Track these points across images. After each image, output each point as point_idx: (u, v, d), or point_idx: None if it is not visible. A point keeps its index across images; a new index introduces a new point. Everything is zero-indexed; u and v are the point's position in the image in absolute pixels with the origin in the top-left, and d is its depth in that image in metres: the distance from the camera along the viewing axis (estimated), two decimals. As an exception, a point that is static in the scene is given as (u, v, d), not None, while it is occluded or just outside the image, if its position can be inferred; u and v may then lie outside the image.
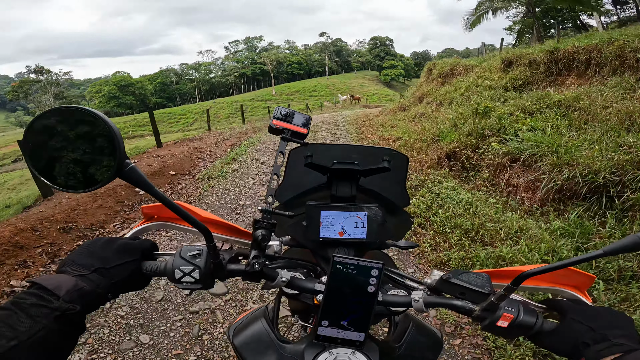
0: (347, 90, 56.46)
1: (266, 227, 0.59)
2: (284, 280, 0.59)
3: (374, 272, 0.54)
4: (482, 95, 6.65)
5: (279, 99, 57.19)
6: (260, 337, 0.63)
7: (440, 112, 8.04)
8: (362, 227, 0.69)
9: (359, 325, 0.55)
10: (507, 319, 0.52)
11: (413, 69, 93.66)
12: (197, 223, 0.50)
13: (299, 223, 0.71)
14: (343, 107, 29.41)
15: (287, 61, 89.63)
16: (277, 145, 0.68)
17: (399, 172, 0.76)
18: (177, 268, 0.55)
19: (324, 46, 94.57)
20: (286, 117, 0.71)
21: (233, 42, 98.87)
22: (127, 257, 0.55)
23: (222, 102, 60.16)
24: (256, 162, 6.13)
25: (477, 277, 0.57)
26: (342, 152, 0.75)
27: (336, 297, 0.55)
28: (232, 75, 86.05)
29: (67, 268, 0.50)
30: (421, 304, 0.57)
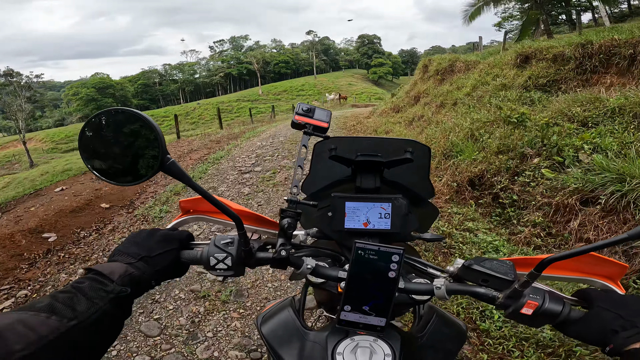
0: (336, 89, 55.28)
1: (292, 216, 0.61)
2: (309, 268, 0.61)
3: (395, 257, 0.54)
4: (497, 95, 5.51)
5: (265, 99, 55.70)
6: (287, 325, 0.66)
7: (442, 115, 6.88)
8: (387, 218, 0.70)
9: (380, 310, 0.56)
10: (532, 307, 0.52)
11: (401, 67, 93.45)
12: (230, 212, 0.54)
13: (324, 214, 0.72)
14: (331, 107, 28.11)
15: (274, 60, 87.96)
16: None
17: (422, 164, 0.75)
18: (212, 255, 0.59)
19: (311, 45, 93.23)
20: (307, 112, 0.75)
21: (218, 42, 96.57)
22: (167, 246, 0.60)
23: (207, 103, 58.26)
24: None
25: (500, 264, 0.56)
26: (365, 145, 0.75)
27: (358, 282, 0.55)
28: (217, 75, 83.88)
29: (117, 257, 0.56)
30: (443, 292, 0.57)
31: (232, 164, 6.07)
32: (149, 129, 0.48)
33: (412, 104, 9.86)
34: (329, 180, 0.80)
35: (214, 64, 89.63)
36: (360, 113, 14.96)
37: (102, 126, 0.49)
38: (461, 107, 6.21)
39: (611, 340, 0.47)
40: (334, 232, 0.73)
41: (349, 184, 0.78)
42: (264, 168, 5.49)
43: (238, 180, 5.03)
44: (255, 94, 59.29)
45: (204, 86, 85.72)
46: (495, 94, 5.59)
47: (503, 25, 32.02)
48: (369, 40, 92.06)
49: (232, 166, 5.95)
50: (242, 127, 14.41)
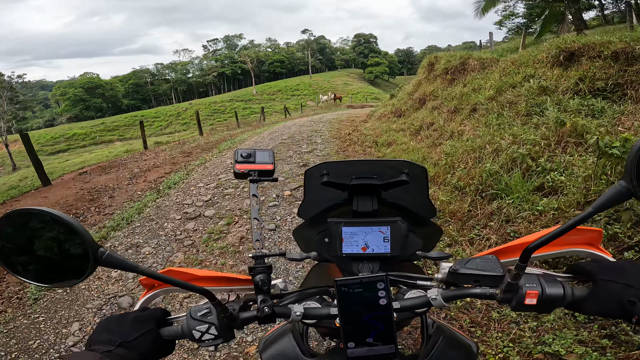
0: (331, 89, 53.86)
1: (263, 271, 0.59)
2: (299, 315, 0.59)
3: (380, 284, 0.54)
4: (537, 101, 4.18)
5: (260, 99, 54.30)
6: (286, 352, 0.66)
7: (458, 123, 5.54)
8: (386, 242, 0.69)
9: (385, 338, 0.55)
10: (534, 296, 0.51)
11: (397, 67, 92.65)
12: (195, 288, 0.52)
13: (322, 239, 0.71)
14: (325, 108, 26.71)
15: (269, 60, 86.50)
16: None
17: (420, 184, 0.73)
18: (194, 329, 0.56)
19: (306, 44, 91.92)
20: (248, 158, 0.73)
21: (212, 41, 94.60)
22: (144, 327, 0.55)
23: (200, 103, 56.70)
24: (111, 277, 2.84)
25: (484, 261, 0.56)
26: (359, 168, 0.72)
27: (352, 317, 0.55)
28: (210, 75, 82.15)
29: (94, 346, 0.51)
30: (440, 300, 0.57)
31: (182, 199, 4.44)
32: (67, 228, 0.44)
33: (417, 108, 8.52)
34: (326, 204, 0.78)
35: (208, 63, 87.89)
36: (356, 115, 13.60)
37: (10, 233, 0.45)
38: (485, 115, 4.87)
39: (634, 311, 0.46)
40: (333, 257, 0.71)
41: (347, 207, 0.75)
42: (218, 211, 3.90)
43: (176, 233, 3.47)
44: (249, 94, 57.85)
45: (197, 86, 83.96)
46: (534, 100, 4.26)
47: (504, 24, 30.88)
48: (365, 39, 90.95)
49: (179, 202, 4.32)
50: (224, 132, 12.99)
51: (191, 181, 5.16)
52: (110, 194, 4.98)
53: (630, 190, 0.40)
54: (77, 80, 68.36)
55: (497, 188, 2.99)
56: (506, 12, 28.47)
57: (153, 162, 6.98)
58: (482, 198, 3.06)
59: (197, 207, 4.09)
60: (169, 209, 4.14)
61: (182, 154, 7.76)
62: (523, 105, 4.32)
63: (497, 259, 0.56)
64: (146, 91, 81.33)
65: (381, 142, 6.75)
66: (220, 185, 4.73)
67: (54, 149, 40.51)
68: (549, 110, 3.68)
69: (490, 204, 2.97)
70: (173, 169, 6.19)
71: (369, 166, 0.72)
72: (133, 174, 6.01)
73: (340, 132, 8.79)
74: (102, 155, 21.08)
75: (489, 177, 3.11)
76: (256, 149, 0.75)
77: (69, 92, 63.51)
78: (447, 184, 3.59)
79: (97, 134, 45.56)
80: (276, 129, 10.92)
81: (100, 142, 42.47)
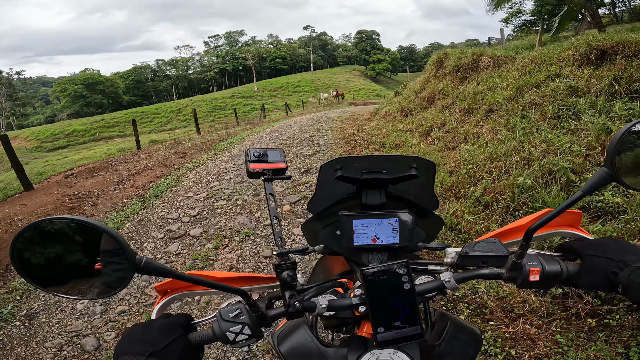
0: (333, 86, 53.19)
1: (289, 268, 0.60)
2: (324, 307, 0.60)
3: (403, 270, 0.56)
4: (567, 102, 3.73)
5: (261, 96, 53.75)
6: (305, 343, 0.66)
7: (474, 125, 5.09)
8: (395, 233, 0.71)
9: (411, 320, 0.57)
10: (537, 272, 0.55)
11: (399, 64, 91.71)
12: (229, 288, 0.54)
13: (332, 232, 0.73)
14: (327, 106, 26.19)
15: (270, 56, 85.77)
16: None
17: (427, 178, 0.76)
18: (227, 330, 0.55)
19: (308, 40, 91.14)
20: (261, 157, 0.76)
21: (213, 37, 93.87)
22: (172, 334, 0.53)
23: (200, 99, 56.26)
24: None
25: (489, 243, 0.61)
26: (370, 163, 0.74)
27: (380, 304, 0.57)
28: (211, 71, 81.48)
29: (123, 357, 0.49)
30: (453, 283, 0.59)
31: (167, 212, 3.89)
32: (105, 236, 0.45)
33: (425, 107, 8.06)
34: (335, 199, 0.79)
35: (209, 59, 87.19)
36: (359, 113, 13.12)
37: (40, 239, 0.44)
38: (506, 117, 4.42)
39: (617, 281, 0.50)
40: (343, 249, 0.73)
41: (354, 201, 0.78)
42: (206, 230, 3.36)
43: (155, 256, 3.01)
44: (250, 90, 57.32)
45: (198, 82, 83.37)
46: (563, 102, 3.81)
47: (510, 21, 30.19)
48: (367, 35, 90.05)
49: (164, 216, 3.77)
50: (223, 130, 12.52)
51: (180, 189, 4.68)
52: (93, 201, 4.56)
53: (612, 175, 0.49)
54: (77, 77, 67.87)
55: (532, 206, 2.54)
56: (512, 9, 27.81)
57: (145, 164, 6.54)
58: (514, 217, 2.62)
59: (183, 223, 3.59)
60: (152, 224, 3.64)
61: (176, 154, 7.31)
62: (550, 107, 3.86)
63: (499, 241, 0.61)
64: (147, 87, 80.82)
65: (388, 143, 6.30)
66: (212, 196, 4.25)
67: (53, 145, 40.18)
68: (586, 114, 3.22)
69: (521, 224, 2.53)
70: (164, 172, 5.75)
71: (379, 161, 0.74)
72: (121, 178, 5.56)
73: (344, 131, 8.34)
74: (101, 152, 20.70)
75: (522, 192, 2.66)
76: (267, 149, 0.77)
77: (69, 89, 63.12)
78: (469, 197, 3.14)
79: (96, 131, 45.22)
80: (276, 128, 10.47)
81: (100, 139, 42.10)
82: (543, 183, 2.70)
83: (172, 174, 5.54)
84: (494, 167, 3.25)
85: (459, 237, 2.69)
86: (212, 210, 3.82)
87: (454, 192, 3.42)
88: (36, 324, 2.31)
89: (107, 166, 6.81)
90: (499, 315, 1.97)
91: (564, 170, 2.51)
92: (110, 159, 8.09)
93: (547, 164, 2.76)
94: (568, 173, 2.50)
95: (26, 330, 2.27)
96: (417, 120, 7.40)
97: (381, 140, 6.60)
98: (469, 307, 2.03)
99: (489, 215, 2.78)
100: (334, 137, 7.69)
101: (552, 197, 2.54)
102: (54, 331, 2.24)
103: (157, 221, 3.70)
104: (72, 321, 2.31)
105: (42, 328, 2.27)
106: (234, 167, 5.44)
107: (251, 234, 3.20)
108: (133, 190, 4.82)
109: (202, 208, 3.90)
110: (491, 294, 2.11)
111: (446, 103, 6.93)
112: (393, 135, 7.05)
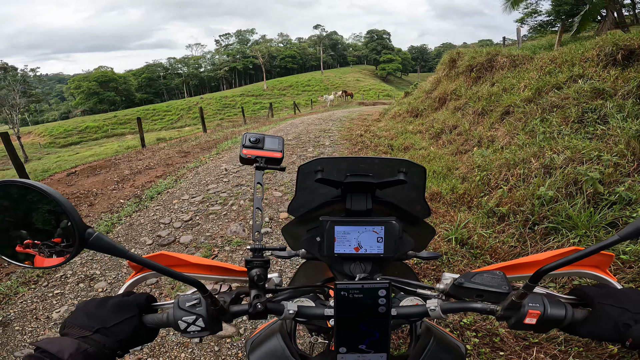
0: (343, 85, 52.74)
1: (260, 266, 0.58)
2: (291, 313, 0.57)
3: (382, 292, 0.52)
4: (591, 105, 3.44)
5: (270, 94, 53.76)
6: (276, 353, 0.64)
7: (488, 128, 4.81)
8: (379, 242, 0.66)
9: (378, 346, 0.54)
10: (534, 316, 0.51)
11: (410, 64, 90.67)
12: (184, 278, 0.49)
13: (313, 238, 0.69)
14: (336, 105, 25.88)
15: (280, 55, 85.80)
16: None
17: (417, 184, 0.71)
18: (180, 319, 0.53)
19: (318, 39, 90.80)
20: (256, 143, 0.69)
21: (224, 36, 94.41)
22: (125, 314, 0.53)
23: (211, 97, 56.52)
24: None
25: (491, 276, 0.55)
26: (354, 165, 0.69)
27: (348, 323, 0.53)
28: (222, 69, 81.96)
29: (69, 330, 0.49)
30: (438, 312, 0.55)
31: (159, 216, 3.72)
32: (54, 205, 0.43)
33: (436, 108, 7.77)
34: (317, 202, 0.75)
35: (219, 57, 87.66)
36: (368, 114, 12.85)
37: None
38: (524, 120, 4.13)
39: (627, 334, 0.47)
40: (324, 256, 0.68)
41: (339, 205, 0.73)
42: (197, 237, 3.16)
43: (125, 279, 2.71)
44: (260, 89, 57.38)
45: (209, 80, 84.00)
46: (587, 104, 3.51)
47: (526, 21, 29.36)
48: (378, 35, 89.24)
49: (156, 220, 3.60)
50: (230, 129, 12.40)
51: (176, 191, 4.51)
52: (91, 201, 4.43)
53: None
54: (92, 74, 69.07)
55: (554, 220, 2.28)
56: (528, 9, 27.03)
57: (147, 163, 6.42)
58: (534, 232, 2.36)
59: (174, 229, 3.41)
60: (142, 228, 3.46)
61: (179, 153, 7.19)
62: (573, 110, 3.57)
63: (504, 275, 0.55)
64: (159, 85, 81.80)
65: (397, 145, 6.04)
66: (207, 200, 4.07)
67: (67, 141, 40.93)
68: (614, 119, 2.93)
69: (545, 240, 2.27)
70: (165, 171, 5.60)
71: (365, 164, 0.69)
72: (122, 177, 5.43)
73: (351, 132, 8.10)
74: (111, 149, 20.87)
75: (542, 204, 2.40)
76: (265, 135, 0.70)
77: (83, 86, 64.29)
78: (482, 207, 2.89)
79: (109, 127, 45.87)
80: (282, 127, 10.30)
81: (112, 135, 42.70)
82: (566, 194, 2.44)
83: (172, 174, 5.41)
84: (511, 174, 2.98)
85: (470, 252, 2.44)
86: (205, 215, 3.63)
87: (466, 200, 3.17)
88: (9, 332, 2.19)
89: (110, 164, 6.73)
90: (511, 344, 1.76)
91: (592, 182, 2.24)
92: (115, 157, 8.02)
93: (572, 173, 2.49)
94: (596, 184, 2.23)
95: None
96: (428, 122, 7.13)
97: (389, 142, 6.35)
98: (477, 336, 1.80)
99: (504, 229, 2.52)
100: (340, 138, 7.47)
101: (577, 210, 2.27)
102: (25, 340, 2.11)
103: (148, 225, 3.54)
104: (45, 331, 2.17)
105: (14, 336, 2.15)
106: (234, 168, 5.26)
107: (243, 244, 3.01)
108: (131, 191, 4.68)
109: (195, 213, 3.72)
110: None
111: (458, 104, 6.64)
112: (402, 136, 6.79)
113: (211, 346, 1.96)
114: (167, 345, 1.97)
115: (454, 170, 4.06)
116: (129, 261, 0.65)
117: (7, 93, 30.11)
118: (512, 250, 2.30)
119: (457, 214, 2.92)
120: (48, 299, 2.50)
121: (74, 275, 2.74)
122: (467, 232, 2.59)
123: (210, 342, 1.99)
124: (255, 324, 2.06)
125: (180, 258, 0.66)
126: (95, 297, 2.37)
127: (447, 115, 6.53)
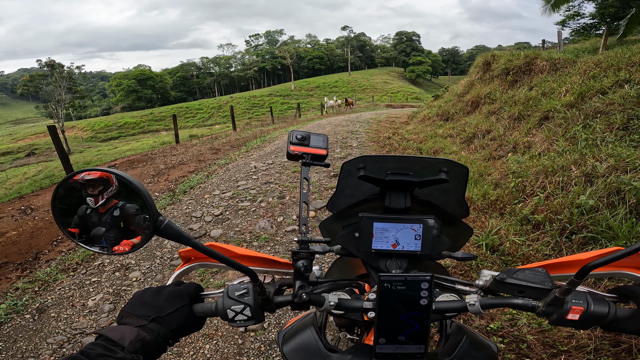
0: (370, 87, 52.26)
1: (306, 257, 0.59)
2: (332, 304, 0.59)
3: (424, 284, 0.53)
4: (638, 112, 3.23)
5: (297, 95, 54.38)
6: (309, 345, 0.65)
7: (524, 134, 4.63)
8: (417, 240, 0.67)
9: (417, 338, 0.55)
10: (578, 312, 0.51)
11: (441, 66, 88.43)
12: (241, 267, 0.51)
13: (350, 234, 0.69)
14: (365, 108, 25.68)
15: (308, 56, 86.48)
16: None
17: (458, 184, 0.71)
18: (229, 308, 0.56)
19: (346, 41, 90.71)
20: (303, 140, 0.71)
21: (253, 36, 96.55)
22: (178, 302, 0.55)
23: (240, 96, 58.03)
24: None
25: (533, 273, 0.55)
26: (396, 163, 0.70)
27: (389, 314, 0.54)
28: (251, 69, 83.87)
29: (127, 320, 0.51)
30: (477, 307, 0.56)
31: (191, 210, 3.87)
32: (134, 192, 0.46)
33: (468, 112, 7.57)
34: (356, 198, 0.76)
35: (249, 57, 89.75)
36: (396, 116, 12.70)
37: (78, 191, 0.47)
38: (564, 126, 3.94)
39: None
40: (361, 252, 0.69)
41: (377, 202, 0.74)
42: (226, 232, 3.27)
43: (173, 256, 2.92)
44: (287, 89, 58.18)
45: (239, 80, 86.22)
46: (634, 111, 3.30)
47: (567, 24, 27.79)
48: (407, 37, 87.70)
49: (188, 214, 3.76)
50: (258, 128, 12.71)
51: (208, 186, 4.67)
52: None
53: None
54: (131, 72, 72.92)
55: (593, 230, 2.18)
56: (570, 12, 25.56)
57: (180, 158, 6.74)
58: (571, 241, 2.27)
59: (205, 222, 3.55)
60: (175, 221, 3.58)
61: (210, 150, 7.48)
62: (618, 116, 3.37)
63: (547, 272, 0.56)
64: (192, 84, 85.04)
65: (426, 149, 5.95)
66: (237, 196, 4.19)
67: (107, 135, 43.53)
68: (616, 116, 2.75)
69: (582, 250, 2.18)
70: (197, 167, 5.87)
71: (406, 162, 0.69)
72: (157, 171, 5.76)
73: (378, 134, 8.06)
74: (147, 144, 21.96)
75: (582, 213, 2.30)
76: (311, 133, 0.73)
77: (123, 83, 67.93)
78: (516, 214, 2.80)
79: (145, 124, 48.19)
80: (310, 127, 10.42)
81: (148, 131, 44.85)
82: (608, 204, 2.32)
83: (203, 170, 5.65)
84: (549, 182, 2.87)
85: (500, 259, 2.39)
86: (235, 210, 3.77)
87: (498, 207, 3.08)
88: (45, 318, 2.31)
89: (147, 158, 7.13)
90: (538, 351, 1.72)
91: (636, 191, 2.12)
92: (151, 151, 8.47)
93: (614, 182, 2.37)
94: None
95: (34, 324, 2.27)
96: (459, 126, 6.95)
97: (418, 146, 6.27)
98: (504, 341, 1.77)
99: (539, 237, 2.44)
100: (367, 140, 7.45)
101: (618, 221, 2.16)
102: (59, 327, 2.22)
103: (180, 218, 3.71)
104: (79, 318, 2.29)
105: (49, 323, 2.26)
106: (263, 166, 5.43)
107: (270, 240, 3.10)
108: (166, 184, 4.95)
109: (225, 208, 3.86)
110: (533, 326, 1.82)
111: (493, 108, 6.43)
112: (431, 140, 6.67)
113: (235, 339, 2.00)
114: (193, 336, 2.02)
115: (486, 176, 3.95)
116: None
117: (53, 89, 32.44)
118: (545, 258, 2.23)
119: (488, 220, 2.85)
120: (85, 286, 2.63)
121: (111, 264, 2.91)
122: (498, 238, 2.53)
123: (234, 334, 2.03)
124: (279, 319, 2.12)
125: (230, 249, 0.69)
126: (130, 285, 2.46)
127: (480, 120, 6.34)
